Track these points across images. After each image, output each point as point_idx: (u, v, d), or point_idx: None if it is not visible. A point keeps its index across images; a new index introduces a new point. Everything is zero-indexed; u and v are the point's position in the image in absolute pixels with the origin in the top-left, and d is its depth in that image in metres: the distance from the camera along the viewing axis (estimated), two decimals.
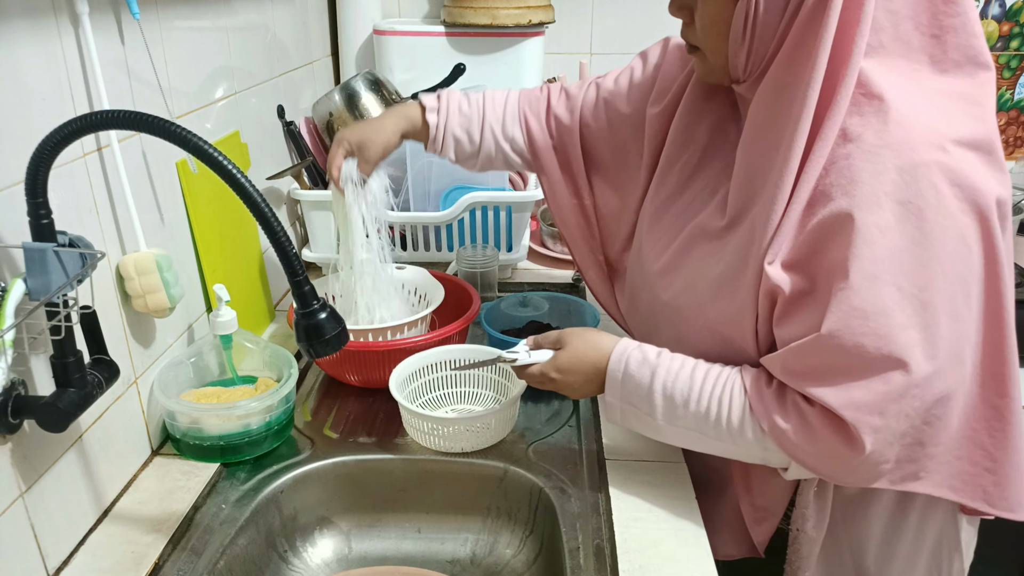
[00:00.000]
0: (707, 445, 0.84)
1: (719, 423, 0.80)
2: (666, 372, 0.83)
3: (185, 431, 0.94)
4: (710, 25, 0.78)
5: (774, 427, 0.78)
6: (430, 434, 0.97)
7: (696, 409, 0.81)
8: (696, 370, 0.83)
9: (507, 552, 0.97)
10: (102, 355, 0.80)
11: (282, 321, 1.32)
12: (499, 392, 1.07)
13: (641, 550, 0.83)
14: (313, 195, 1.43)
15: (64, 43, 0.78)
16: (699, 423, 0.82)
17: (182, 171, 1.02)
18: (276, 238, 0.69)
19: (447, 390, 1.09)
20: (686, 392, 0.82)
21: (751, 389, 0.80)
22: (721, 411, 0.80)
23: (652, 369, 0.83)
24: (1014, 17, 1.83)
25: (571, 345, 0.89)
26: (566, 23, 1.81)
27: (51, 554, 0.78)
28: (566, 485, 0.93)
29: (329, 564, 0.97)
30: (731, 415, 0.80)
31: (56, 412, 0.71)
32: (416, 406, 0.96)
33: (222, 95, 1.15)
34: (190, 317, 1.06)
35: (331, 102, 1.50)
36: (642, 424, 0.86)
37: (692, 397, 0.81)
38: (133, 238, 0.89)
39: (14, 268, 0.72)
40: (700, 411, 0.81)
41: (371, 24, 1.69)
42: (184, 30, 1.03)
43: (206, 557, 0.82)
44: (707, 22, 0.78)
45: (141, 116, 0.65)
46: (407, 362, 1.04)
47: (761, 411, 0.79)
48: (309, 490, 0.97)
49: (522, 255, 1.49)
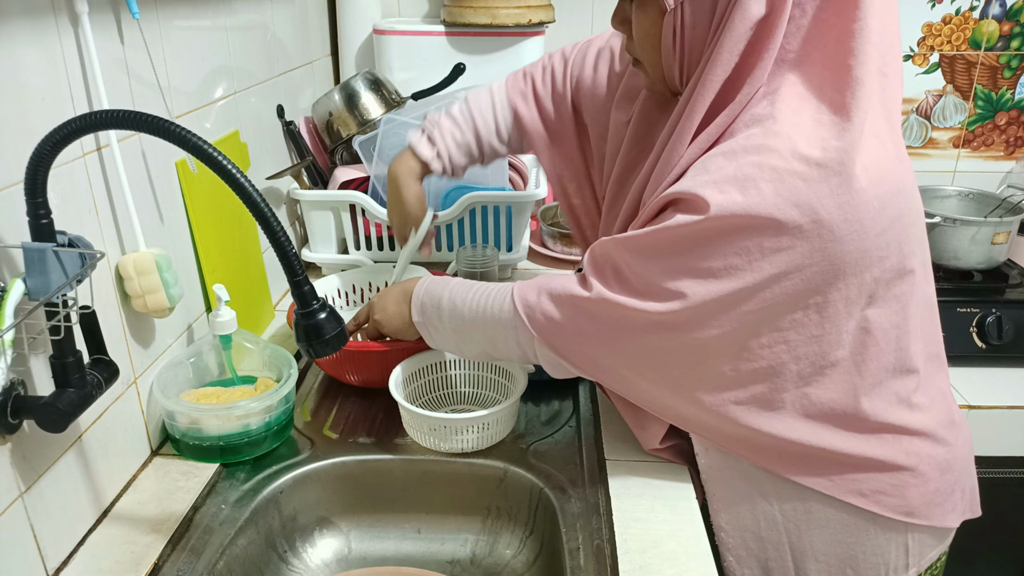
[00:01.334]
0: (478, 334, 0.91)
1: (486, 309, 0.89)
2: (456, 283, 0.94)
3: (185, 431, 0.94)
4: (643, 39, 0.80)
5: (523, 301, 0.86)
6: (430, 434, 0.97)
7: (472, 304, 0.91)
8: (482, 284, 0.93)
9: (507, 552, 0.97)
10: (101, 355, 0.80)
11: (282, 321, 1.32)
12: (499, 392, 1.07)
13: (641, 550, 0.83)
14: (313, 195, 1.43)
15: (64, 43, 0.78)
16: (471, 313, 0.90)
17: (182, 171, 1.02)
18: (276, 238, 0.69)
19: (447, 390, 1.09)
20: (465, 294, 0.92)
21: (517, 284, 0.89)
22: (489, 299, 0.90)
23: (444, 283, 0.95)
24: (1014, 17, 1.83)
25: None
26: (566, 23, 1.81)
27: (50, 554, 0.78)
28: (566, 485, 0.93)
29: (329, 564, 0.97)
30: (497, 300, 0.89)
31: (55, 412, 0.71)
32: (416, 406, 0.96)
33: (222, 95, 1.15)
34: (189, 317, 1.06)
35: (331, 102, 1.50)
36: (440, 333, 0.95)
37: (468, 296, 0.92)
38: (132, 238, 0.88)
39: (13, 268, 0.72)
40: (475, 304, 0.90)
41: (371, 24, 1.69)
42: (184, 30, 1.03)
43: (206, 557, 0.82)
44: (640, 36, 0.80)
45: (141, 116, 0.65)
46: (407, 362, 1.04)
47: (519, 293, 0.87)
48: (309, 490, 0.97)
49: (522, 255, 1.49)
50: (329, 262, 1.48)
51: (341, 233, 1.48)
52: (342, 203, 1.43)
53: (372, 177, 1.44)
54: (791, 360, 0.77)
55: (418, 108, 1.49)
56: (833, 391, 0.79)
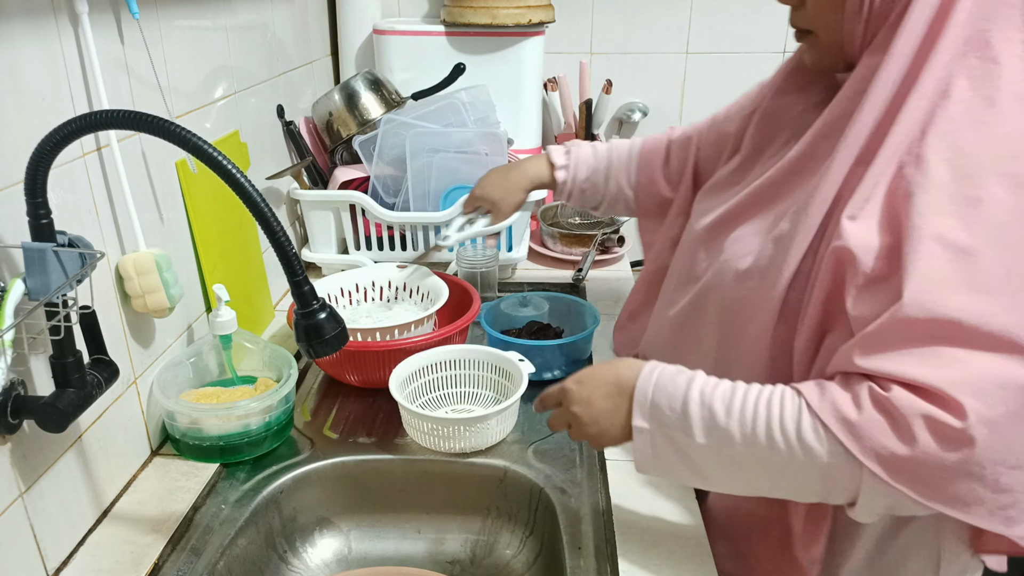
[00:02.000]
0: (755, 468, 0.70)
1: (770, 428, 0.67)
2: (704, 380, 0.72)
3: (185, 431, 0.94)
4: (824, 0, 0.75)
5: (842, 419, 0.64)
6: (430, 434, 0.97)
7: (741, 416, 0.68)
8: (737, 384, 0.72)
9: (507, 552, 0.97)
10: (101, 355, 0.80)
11: (282, 321, 1.32)
12: (499, 392, 1.07)
13: (641, 550, 0.83)
14: (313, 195, 1.43)
15: (64, 43, 0.78)
16: (744, 433, 0.68)
17: (182, 171, 1.02)
18: (276, 238, 0.69)
19: (447, 390, 1.09)
20: (727, 397, 0.70)
21: (804, 386, 0.68)
22: (772, 413, 0.67)
23: (688, 378, 0.72)
24: None
25: (589, 368, 0.79)
26: (566, 23, 1.81)
27: (50, 554, 0.78)
28: (566, 485, 0.93)
29: (329, 564, 0.97)
30: (783, 416, 0.67)
31: (55, 412, 0.71)
32: (416, 406, 0.96)
33: (222, 95, 1.15)
34: (190, 317, 1.06)
35: (331, 102, 1.50)
36: (678, 453, 0.72)
37: (735, 403, 0.69)
38: (132, 238, 0.88)
39: (14, 268, 0.72)
40: (746, 418, 0.68)
41: (371, 24, 1.69)
42: (184, 30, 1.03)
43: (206, 557, 0.82)
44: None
45: (141, 116, 0.65)
46: (407, 362, 1.04)
47: (822, 404, 0.66)
48: (309, 490, 0.97)
49: (522, 255, 1.49)
50: (329, 262, 1.48)
51: (341, 233, 1.48)
52: (342, 203, 1.43)
53: (372, 177, 1.44)
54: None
55: (418, 108, 1.49)
56: None
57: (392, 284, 1.27)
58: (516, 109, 1.67)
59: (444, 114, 1.47)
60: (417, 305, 1.25)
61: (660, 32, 1.83)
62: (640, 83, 1.88)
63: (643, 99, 1.89)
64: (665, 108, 1.90)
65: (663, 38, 1.83)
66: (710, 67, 1.85)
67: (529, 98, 1.69)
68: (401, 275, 1.26)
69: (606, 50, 1.85)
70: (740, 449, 0.68)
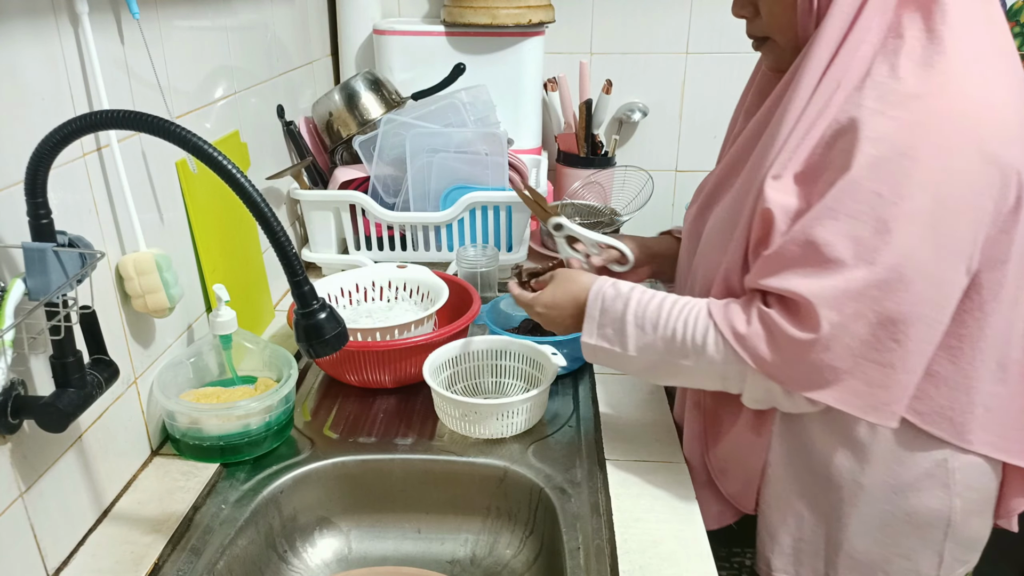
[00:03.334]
0: (671, 369, 0.86)
1: (684, 341, 0.84)
2: (636, 303, 0.87)
3: (185, 431, 0.94)
4: (776, 4, 0.82)
5: (736, 334, 0.81)
6: (462, 419, 1.00)
7: (663, 331, 0.85)
8: (666, 299, 0.87)
9: (507, 552, 0.97)
10: (102, 355, 0.80)
11: (282, 321, 1.32)
12: (530, 383, 1.09)
13: (641, 550, 0.83)
14: (313, 195, 1.43)
15: (64, 43, 0.78)
16: (666, 344, 0.85)
17: (182, 171, 1.02)
18: (276, 238, 0.69)
19: (478, 379, 1.13)
20: (655, 318, 0.86)
21: (714, 307, 0.84)
22: (687, 329, 0.84)
23: (625, 301, 0.88)
24: (1014, 17, 1.83)
25: (556, 280, 0.96)
26: (566, 23, 1.81)
27: (51, 554, 0.78)
28: (566, 485, 0.93)
29: (329, 564, 0.97)
30: (695, 331, 0.83)
31: (56, 412, 0.71)
32: (450, 392, 1.01)
33: (222, 95, 1.15)
34: (190, 317, 1.06)
35: (331, 102, 1.50)
36: (615, 357, 0.89)
37: (660, 321, 0.85)
38: (133, 238, 0.88)
39: (14, 268, 0.72)
40: (667, 333, 0.85)
41: (371, 24, 1.69)
42: (184, 30, 1.03)
43: (206, 557, 0.82)
44: (773, 1, 0.82)
45: (141, 116, 0.65)
46: (441, 350, 1.08)
47: (724, 321, 0.82)
48: (309, 490, 0.97)
49: (522, 255, 1.49)
50: (329, 262, 1.48)
51: (341, 233, 1.48)
52: (342, 203, 1.43)
53: (372, 177, 1.44)
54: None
55: (418, 108, 1.50)
56: None
57: (392, 284, 1.27)
58: (516, 109, 1.67)
59: (444, 114, 1.47)
60: (417, 305, 1.25)
61: (660, 32, 1.82)
62: (640, 83, 1.88)
63: (643, 99, 1.89)
64: (665, 108, 1.90)
65: (663, 38, 1.83)
66: (710, 67, 1.85)
67: (529, 98, 1.69)
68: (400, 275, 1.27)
69: (606, 50, 1.85)
70: (662, 356, 0.86)
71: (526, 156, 1.63)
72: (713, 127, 1.87)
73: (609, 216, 1.63)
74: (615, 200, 1.77)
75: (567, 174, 1.82)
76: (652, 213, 1.71)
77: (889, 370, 0.76)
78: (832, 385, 0.77)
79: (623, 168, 1.77)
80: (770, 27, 0.84)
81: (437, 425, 1.04)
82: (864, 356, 0.76)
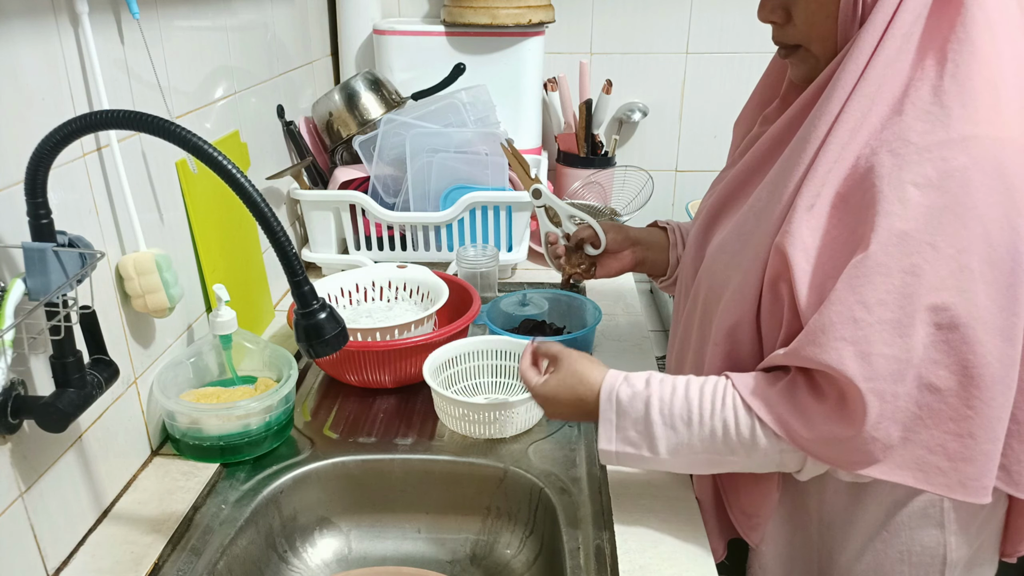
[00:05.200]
0: (716, 464, 0.79)
1: (728, 439, 0.76)
2: (659, 399, 0.78)
3: (185, 431, 0.94)
4: (817, 10, 0.75)
5: (788, 428, 0.74)
6: (462, 420, 1.00)
7: (700, 431, 0.77)
8: (689, 389, 0.78)
9: (507, 552, 0.97)
10: (102, 355, 0.80)
11: (282, 321, 1.32)
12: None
13: (641, 550, 0.83)
14: (313, 195, 1.43)
15: (64, 43, 0.78)
16: (706, 443, 0.77)
17: (182, 171, 1.02)
18: (276, 238, 0.69)
19: (478, 380, 1.13)
20: (684, 414, 0.77)
21: (751, 397, 0.76)
22: (728, 427, 0.76)
23: (645, 401, 0.79)
24: None
25: (561, 370, 0.85)
26: (566, 23, 1.81)
27: (50, 554, 0.78)
28: (566, 485, 0.93)
29: (329, 564, 0.97)
30: (739, 427, 0.76)
31: (56, 412, 0.71)
32: (450, 392, 1.01)
33: (222, 95, 1.15)
34: (190, 317, 1.06)
35: (331, 102, 1.50)
36: (643, 461, 0.81)
37: (693, 418, 0.77)
38: (133, 238, 0.88)
39: (14, 268, 0.72)
40: (704, 432, 0.77)
41: (371, 24, 1.69)
42: (184, 30, 1.03)
43: (206, 557, 0.82)
44: (813, 9, 0.75)
45: (141, 116, 0.65)
46: (442, 350, 1.08)
47: (771, 417, 0.74)
48: (309, 490, 0.97)
49: (522, 255, 1.49)
50: (329, 262, 1.48)
51: (341, 233, 1.48)
52: (342, 203, 1.43)
53: (372, 177, 1.44)
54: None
55: (418, 108, 1.50)
56: None
57: (392, 284, 1.27)
58: (516, 109, 1.67)
59: (444, 114, 1.47)
60: (417, 305, 1.25)
61: (660, 32, 1.83)
62: (640, 83, 1.88)
63: (643, 99, 1.89)
64: (665, 108, 1.90)
65: (663, 38, 1.83)
66: (710, 67, 1.85)
67: (529, 98, 1.69)
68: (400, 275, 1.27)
69: (606, 50, 1.85)
70: (702, 455, 0.78)
71: (526, 156, 1.63)
72: (713, 127, 1.87)
73: (609, 216, 1.63)
74: (615, 200, 1.77)
75: (567, 174, 1.82)
76: (652, 213, 1.70)
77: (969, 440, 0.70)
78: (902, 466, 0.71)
79: (623, 168, 1.77)
80: (806, 35, 0.77)
81: (437, 425, 1.04)
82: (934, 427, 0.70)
